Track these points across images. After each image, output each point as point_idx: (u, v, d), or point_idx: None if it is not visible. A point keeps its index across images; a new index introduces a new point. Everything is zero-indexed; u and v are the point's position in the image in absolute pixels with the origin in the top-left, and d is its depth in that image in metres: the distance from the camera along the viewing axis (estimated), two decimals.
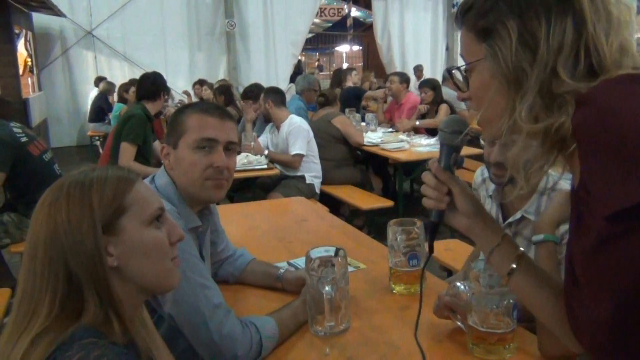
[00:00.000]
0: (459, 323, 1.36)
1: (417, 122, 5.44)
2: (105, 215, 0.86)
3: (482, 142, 1.79)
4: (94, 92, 8.99)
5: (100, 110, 8.48)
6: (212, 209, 1.60)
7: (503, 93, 0.82)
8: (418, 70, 10.34)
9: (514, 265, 1.01)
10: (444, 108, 5.39)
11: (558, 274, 1.38)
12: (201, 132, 1.42)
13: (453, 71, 0.93)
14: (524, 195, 1.74)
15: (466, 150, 4.85)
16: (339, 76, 8.31)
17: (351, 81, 7.79)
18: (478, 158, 4.31)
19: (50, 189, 0.89)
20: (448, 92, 5.80)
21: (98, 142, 8.37)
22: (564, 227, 1.43)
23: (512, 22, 0.80)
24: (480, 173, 1.98)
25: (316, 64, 20.17)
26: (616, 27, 0.78)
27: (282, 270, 1.72)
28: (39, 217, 0.86)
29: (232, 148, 1.48)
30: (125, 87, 7.29)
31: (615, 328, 0.72)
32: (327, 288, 1.37)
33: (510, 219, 1.77)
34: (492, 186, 1.86)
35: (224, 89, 6.28)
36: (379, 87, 8.30)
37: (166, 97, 4.13)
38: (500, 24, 0.81)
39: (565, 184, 1.71)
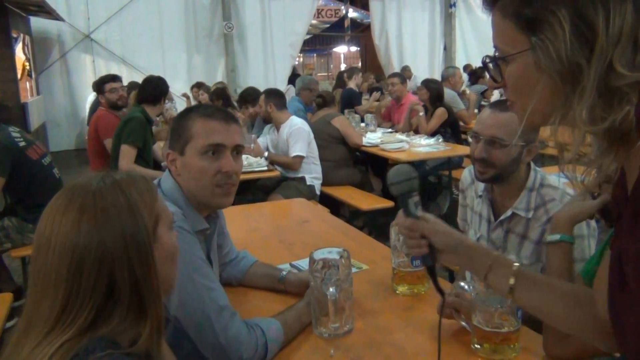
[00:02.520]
0: (463, 323, 1.36)
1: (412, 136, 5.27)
2: (151, 224, 0.87)
3: (469, 139, 1.79)
4: (91, 96, 8.97)
5: None
6: (219, 213, 1.60)
7: (554, 88, 0.74)
8: (406, 70, 10.30)
9: (512, 282, 1.01)
10: (438, 114, 5.29)
11: (571, 274, 1.38)
12: (208, 137, 1.41)
13: (486, 59, 0.85)
14: (512, 192, 1.75)
15: (465, 150, 4.86)
16: (341, 78, 8.32)
17: (356, 81, 7.79)
18: None
19: (77, 194, 0.85)
20: (447, 93, 5.79)
21: None
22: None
23: (564, 10, 0.70)
24: (468, 173, 1.97)
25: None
26: None
27: (284, 272, 1.71)
28: (74, 224, 0.82)
29: (239, 151, 1.48)
30: (126, 91, 7.29)
31: None
32: (331, 289, 1.37)
33: (502, 217, 1.78)
34: (481, 186, 1.86)
35: (220, 92, 6.27)
36: (374, 89, 8.31)
37: (166, 101, 4.17)
38: (550, 13, 0.72)
39: (554, 181, 1.73)
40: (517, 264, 1.04)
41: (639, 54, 0.69)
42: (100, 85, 4.68)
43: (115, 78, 4.77)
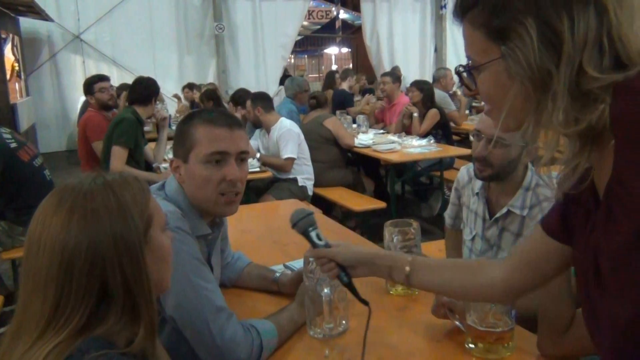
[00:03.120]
0: (457, 322, 1.36)
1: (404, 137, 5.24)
2: (143, 225, 0.87)
3: (471, 138, 1.82)
4: (83, 97, 8.90)
5: None
6: (223, 219, 1.60)
7: (526, 95, 0.77)
8: (396, 70, 10.29)
9: (408, 269, 1.17)
10: (430, 115, 5.30)
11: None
12: (211, 145, 1.38)
13: (459, 69, 0.89)
14: (509, 191, 1.78)
15: (457, 151, 4.89)
16: (331, 79, 8.32)
17: (349, 83, 7.80)
18: (468, 158, 4.33)
19: (68, 195, 0.85)
20: (438, 94, 5.81)
21: None
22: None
23: (530, 19, 0.73)
24: (465, 172, 1.99)
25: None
26: (638, 12, 0.73)
27: (278, 274, 1.72)
28: (64, 225, 0.82)
29: (244, 158, 1.46)
30: (116, 92, 7.25)
31: (637, 327, 0.70)
32: (325, 290, 1.37)
33: (497, 215, 1.80)
34: (478, 184, 1.89)
35: (211, 94, 6.25)
36: (366, 90, 8.33)
37: (157, 102, 4.16)
38: (517, 22, 0.74)
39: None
40: (412, 255, 1.20)
41: (605, 57, 0.71)
42: (89, 86, 4.64)
43: (103, 78, 4.74)
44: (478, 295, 1.17)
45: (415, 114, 5.31)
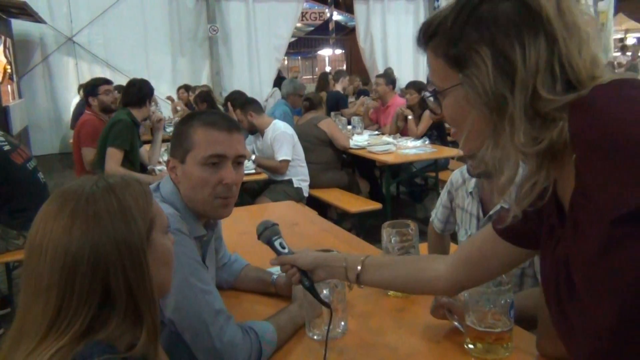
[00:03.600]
0: (456, 323, 1.37)
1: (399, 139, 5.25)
2: (145, 228, 0.86)
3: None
4: (76, 99, 8.88)
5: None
6: (217, 220, 1.60)
7: (484, 118, 0.81)
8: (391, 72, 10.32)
9: (359, 268, 1.24)
10: (426, 116, 5.28)
11: None
12: (209, 148, 1.38)
13: (425, 94, 0.94)
14: (502, 189, 1.79)
15: (452, 152, 4.90)
16: (324, 80, 8.33)
17: (343, 85, 7.80)
18: (463, 159, 4.34)
19: (70, 199, 0.84)
20: None
21: None
22: None
23: (485, 48, 0.78)
24: (460, 175, 2.00)
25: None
26: (586, 40, 0.77)
27: (275, 276, 1.71)
28: (66, 229, 0.81)
29: (240, 161, 1.46)
30: None
31: (620, 334, 0.71)
32: (324, 292, 1.37)
33: (491, 212, 1.81)
34: (472, 184, 1.89)
35: (205, 96, 6.23)
36: (361, 92, 8.34)
37: (151, 103, 4.14)
38: (473, 51, 0.79)
39: None
40: (365, 255, 1.27)
41: (557, 82, 0.76)
42: (94, 88, 4.57)
43: (108, 81, 4.69)
44: (423, 288, 1.25)
45: (410, 117, 5.32)
